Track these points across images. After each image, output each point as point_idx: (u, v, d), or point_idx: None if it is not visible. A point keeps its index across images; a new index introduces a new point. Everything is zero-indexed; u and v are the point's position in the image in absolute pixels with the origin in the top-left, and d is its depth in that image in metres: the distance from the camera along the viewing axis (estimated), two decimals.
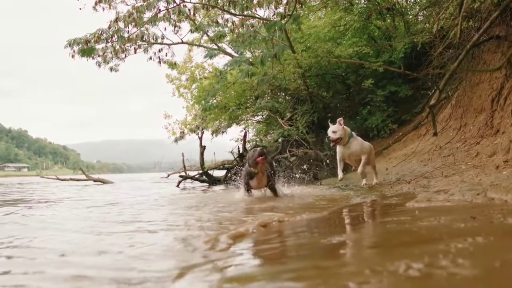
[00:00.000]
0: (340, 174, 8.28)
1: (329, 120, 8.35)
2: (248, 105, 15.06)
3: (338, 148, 8.28)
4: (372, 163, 8.64)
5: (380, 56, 13.17)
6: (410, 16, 14.67)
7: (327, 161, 11.31)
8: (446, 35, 9.59)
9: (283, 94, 14.73)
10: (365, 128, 13.14)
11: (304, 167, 10.99)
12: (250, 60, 14.23)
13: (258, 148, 7.75)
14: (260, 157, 7.47)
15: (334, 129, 8.07)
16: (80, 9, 14.08)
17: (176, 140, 16.91)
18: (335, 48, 13.05)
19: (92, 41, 14.31)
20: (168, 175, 23.21)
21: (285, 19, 11.25)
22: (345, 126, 8.13)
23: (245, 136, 14.78)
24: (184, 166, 15.80)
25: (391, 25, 14.31)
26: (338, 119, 8.11)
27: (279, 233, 4.22)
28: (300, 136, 12.04)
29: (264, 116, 15.68)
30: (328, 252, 3.16)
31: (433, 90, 12.04)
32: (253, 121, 16.45)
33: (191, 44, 17.94)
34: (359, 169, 8.19)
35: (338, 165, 8.37)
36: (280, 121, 12.72)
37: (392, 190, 6.96)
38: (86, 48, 14.29)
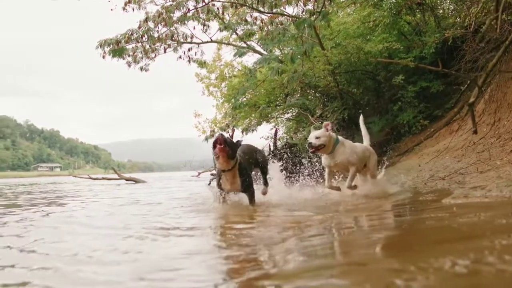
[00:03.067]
0: (326, 183, 7.46)
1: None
2: (278, 102, 15.05)
3: (323, 157, 7.56)
4: (372, 171, 7.85)
5: (410, 52, 13.02)
6: (441, 11, 14.50)
7: None
8: (478, 29, 9.46)
9: (313, 91, 14.68)
10: (396, 125, 13.05)
11: None
12: (280, 57, 14.23)
13: (217, 134, 6.44)
14: (219, 146, 6.08)
15: (318, 135, 7.23)
16: (112, 10, 14.27)
17: (206, 139, 16.99)
18: (364, 44, 12.96)
19: (123, 41, 14.48)
20: (199, 174, 23.36)
21: (314, 16, 11.22)
22: (332, 133, 7.31)
23: (275, 133, 14.80)
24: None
25: (422, 20, 14.15)
26: (325, 123, 7.36)
27: (316, 231, 4.22)
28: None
29: (294, 114, 15.66)
30: (368, 249, 3.16)
31: (466, 85, 11.90)
32: (283, 118, 16.44)
33: (220, 42, 18.03)
34: (346, 182, 7.31)
35: (326, 174, 7.55)
36: (310, 118, 12.69)
37: (426, 186, 6.90)
38: (117, 48, 14.45)
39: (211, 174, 16.41)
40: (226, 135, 6.33)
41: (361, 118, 8.52)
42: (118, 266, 3.09)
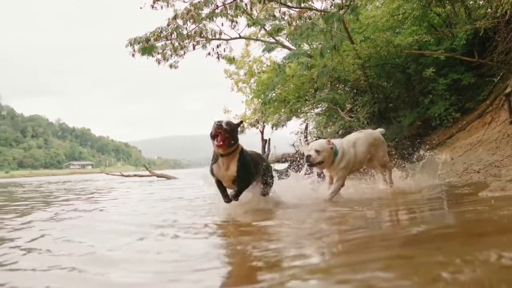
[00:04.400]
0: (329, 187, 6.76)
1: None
2: (307, 97, 15.02)
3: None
4: (382, 161, 7.28)
5: (441, 44, 12.87)
6: (471, 2, 14.29)
7: (392, 151, 11.17)
8: (511, 20, 9.32)
9: (343, 85, 14.61)
10: (427, 118, 12.92)
11: None
12: (309, 52, 14.19)
13: (214, 124, 5.47)
14: (218, 142, 5.39)
15: (318, 148, 6.52)
16: (141, 8, 14.40)
17: None
18: (394, 37, 12.87)
19: (152, 39, 14.58)
20: None
21: (343, 10, 11.17)
22: (333, 144, 6.62)
23: (306, 128, 14.78)
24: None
25: (452, 12, 13.97)
26: (327, 140, 6.71)
27: (355, 225, 4.23)
28: (361, 128, 11.94)
29: (323, 109, 15.61)
30: (410, 241, 3.15)
31: (499, 77, 11.73)
32: (313, 113, 16.41)
33: (248, 38, 18.03)
34: (332, 187, 6.58)
35: (327, 183, 6.88)
36: (340, 112, 12.65)
37: (461, 180, 6.82)
38: (146, 46, 14.57)
39: None
40: (224, 120, 5.49)
41: None
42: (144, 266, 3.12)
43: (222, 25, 15.42)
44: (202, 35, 15.04)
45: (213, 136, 5.46)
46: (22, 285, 2.73)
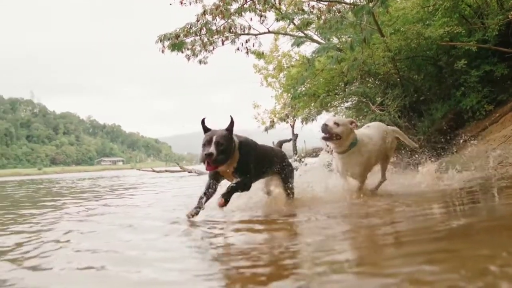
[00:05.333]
0: (345, 184, 6.39)
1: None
2: (337, 91, 14.94)
3: (334, 159, 6.56)
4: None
5: (472, 35, 12.67)
6: None
7: (422, 144, 11.06)
8: None
9: (373, 79, 14.49)
10: (459, 111, 12.75)
11: (403, 152, 10.68)
12: (338, 46, 14.12)
13: (204, 155, 4.96)
14: (208, 166, 4.95)
15: (337, 121, 6.12)
16: (170, 4, 14.50)
17: (266, 130, 17.07)
18: (424, 29, 12.71)
19: (182, 35, 14.65)
20: None
21: (373, 2, 11.09)
22: (355, 129, 6.27)
23: None
24: None
25: (483, 2, 13.74)
26: (351, 119, 6.39)
27: (395, 218, 4.23)
28: (392, 121, 11.84)
29: (353, 102, 15.51)
30: (452, 235, 3.14)
31: None
32: (343, 107, 16.32)
33: (277, 33, 18.01)
34: (355, 193, 6.20)
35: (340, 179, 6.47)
36: (371, 106, 12.56)
37: (497, 172, 6.74)
38: (176, 42, 14.65)
39: None
40: (212, 146, 4.94)
41: None
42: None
43: (251, 20, 15.42)
44: (231, 30, 15.06)
45: (202, 159, 5.01)
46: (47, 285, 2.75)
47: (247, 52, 16.28)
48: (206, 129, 5.27)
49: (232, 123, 5.22)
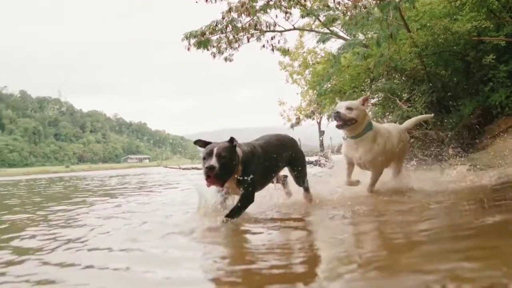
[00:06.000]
0: (346, 178, 6.20)
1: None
2: (363, 88, 14.86)
3: (344, 143, 6.26)
4: (399, 165, 6.79)
5: (501, 30, 12.50)
6: None
7: (450, 141, 10.95)
8: None
9: (399, 75, 14.38)
10: (487, 106, 12.59)
11: (431, 148, 10.57)
12: (364, 42, 14.05)
13: (205, 169, 4.58)
14: (208, 180, 4.60)
15: (350, 105, 5.86)
16: (196, 2, 14.58)
17: (292, 126, 17.09)
18: (452, 24, 12.57)
19: (207, 32, 14.72)
20: None
21: None
22: (369, 116, 6.00)
23: None
24: None
25: None
26: (364, 97, 6.06)
27: (430, 215, 4.21)
28: None
29: (380, 99, 15.42)
30: (488, 232, 3.11)
31: None
32: (369, 104, 16.24)
33: (302, 29, 17.99)
34: (368, 186, 6.10)
35: (346, 169, 6.26)
36: (398, 102, 12.47)
37: None
38: (202, 40, 14.73)
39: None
40: (213, 158, 4.57)
41: None
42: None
43: (276, 16, 15.45)
44: (256, 28, 15.08)
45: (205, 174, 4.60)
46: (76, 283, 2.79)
47: (273, 49, 16.31)
48: (205, 143, 5.00)
49: (232, 139, 4.80)
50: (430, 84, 12.92)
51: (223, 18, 14.63)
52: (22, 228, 5.18)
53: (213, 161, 4.46)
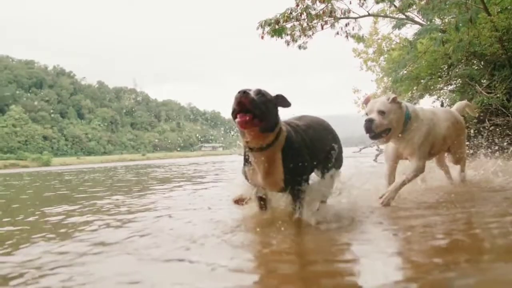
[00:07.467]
0: (387, 180, 5.21)
1: None
2: (440, 74, 14.51)
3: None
4: (461, 154, 5.81)
5: None
6: None
7: None
8: None
9: (478, 60, 13.95)
10: None
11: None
12: (441, 27, 13.70)
13: (237, 94, 3.57)
14: (241, 118, 3.57)
15: (383, 108, 4.76)
16: None
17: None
18: None
19: (281, 20, 14.74)
20: (361, 149, 23.51)
21: None
22: (404, 103, 4.94)
23: (441, 106, 14.29)
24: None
25: None
26: (392, 97, 4.83)
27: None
28: (500, 104, 11.37)
29: (457, 85, 15.02)
30: None
31: None
32: (446, 90, 15.84)
33: (377, 15, 17.71)
34: (405, 177, 4.86)
35: (386, 170, 5.29)
36: (478, 88, 12.11)
37: None
38: (276, 28, 14.77)
39: (376, 150, 16.50)
40: (252, 91, 3.61)
41: None
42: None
43: (350, 3, 15.30)
44: (331, 14, 14.98)
45: (234, 114, 3.72)
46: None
47: (347, 36, 16.20)
48: None
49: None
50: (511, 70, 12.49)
51: (297, 5, 14.61)
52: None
53: (253, 91, 3.67)
